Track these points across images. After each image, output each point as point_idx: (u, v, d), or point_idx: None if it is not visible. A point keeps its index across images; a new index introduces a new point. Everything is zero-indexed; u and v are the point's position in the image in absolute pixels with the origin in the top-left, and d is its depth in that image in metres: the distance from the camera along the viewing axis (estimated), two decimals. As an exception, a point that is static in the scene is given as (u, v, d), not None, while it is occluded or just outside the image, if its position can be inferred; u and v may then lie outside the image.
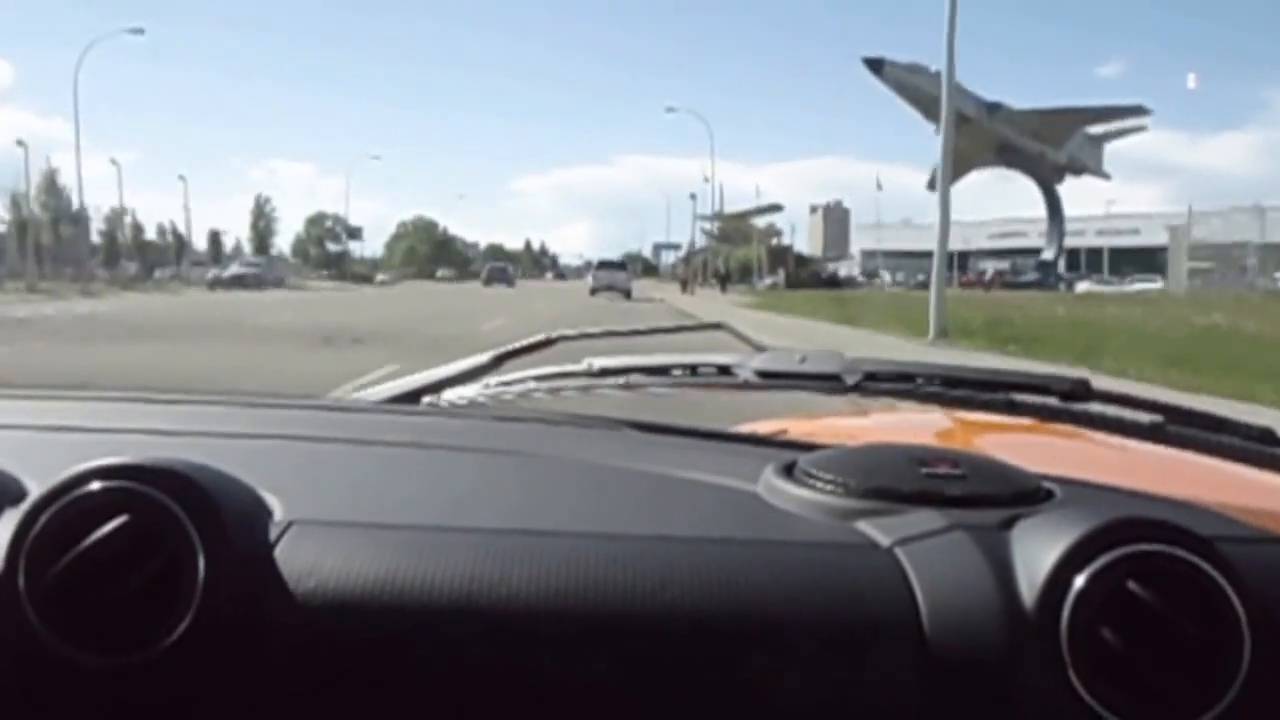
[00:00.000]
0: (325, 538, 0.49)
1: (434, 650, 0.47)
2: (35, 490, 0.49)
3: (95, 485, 0.47)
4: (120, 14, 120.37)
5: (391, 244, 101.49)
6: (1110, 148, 60.85)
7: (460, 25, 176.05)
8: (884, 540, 0.50)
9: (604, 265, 38.12)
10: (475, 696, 0.47)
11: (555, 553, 0.49)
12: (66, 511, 0.46)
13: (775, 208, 70.05)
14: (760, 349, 0.90)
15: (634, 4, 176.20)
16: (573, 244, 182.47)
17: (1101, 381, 0.77)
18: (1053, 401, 0.75)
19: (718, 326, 1.51)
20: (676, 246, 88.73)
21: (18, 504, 0.49)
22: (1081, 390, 0.75)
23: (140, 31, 46.74)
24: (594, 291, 34.15)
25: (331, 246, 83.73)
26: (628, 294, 33.08)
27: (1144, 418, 0.74)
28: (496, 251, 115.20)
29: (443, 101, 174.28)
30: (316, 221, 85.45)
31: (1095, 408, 0.75)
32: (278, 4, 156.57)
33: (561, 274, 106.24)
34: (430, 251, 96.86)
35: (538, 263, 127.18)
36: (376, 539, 0.49)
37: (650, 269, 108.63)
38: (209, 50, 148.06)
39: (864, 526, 0.52)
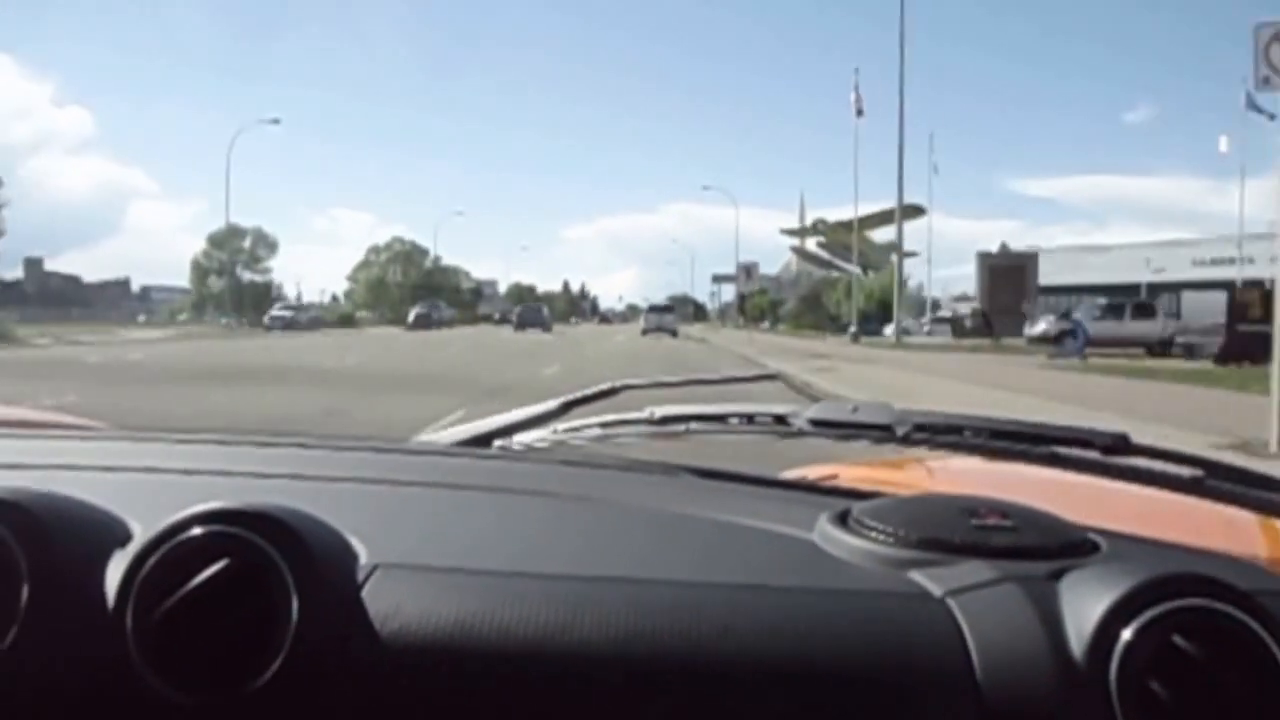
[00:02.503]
0: (407, 581, 0.52)
1: (509, 692, 0.48)
2: (139, 531, 0.53)
3: (199, 530, 0.49)
4: (198, 70, 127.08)
5: (356, 274, 74.41)
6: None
7: (513, 88, 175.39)
8: (937, 590, 0.52)
9: (654, 309, 44.70)
10: None
11: (622, 599, 0.51)
12: (173, 554, 0.49)
13: (917, 210, 45.91)
14: (815, 399, 0.93)
15: (670, 60, 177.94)
16: (613, 290, 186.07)
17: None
18: (1095, 455, 0.77)
19: (773, 377, 1.63)
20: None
21: (125, 546, 0.52)
22: (1122, 444, 0.77)
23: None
24: (645, 331, 39.52)
25: (252, 277, 58.08)
26: (674, 333, 38.35)
27: (1184, 472, 0.76)
28: (521, 292, 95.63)
29: (496, 159, 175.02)
30: (223, 240, 56.23)
31: (1136, 461, 0.77)
32: (340, 69, 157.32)
33: (606, 318, 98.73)
34: (411, 286, 70.30)
35: (575, 306, 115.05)
36: (454, 583, 0.52)
37: (700, 312, 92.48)
38: (279, 106, 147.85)
39: (917, 576, 0.54)
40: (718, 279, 70.35)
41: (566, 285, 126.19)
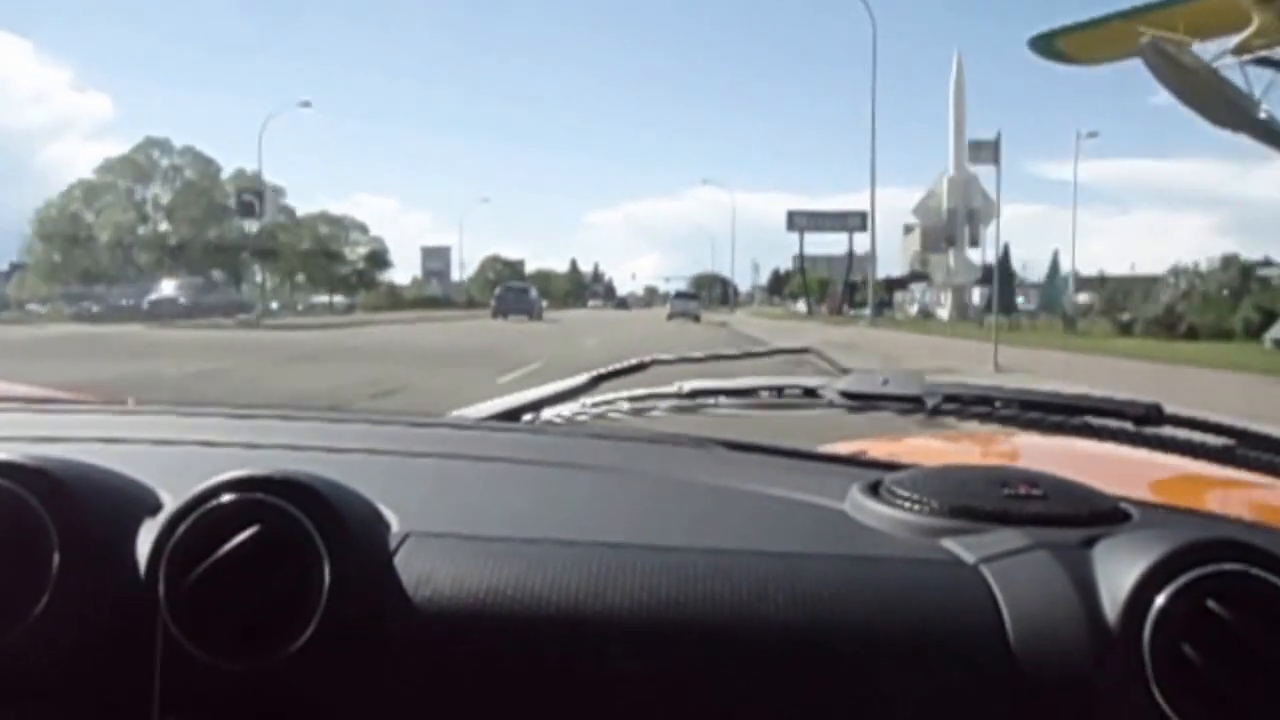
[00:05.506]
0: (439, 549, 0.52)
1: (540, 657, 0.49)
2: (170, 501, 0.53)
3: (228, 497, 0.49)
4: (219, 53, 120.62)
5: (43, 219, 39.43)
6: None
7: (538, 70, 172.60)
8: (969, 558, 0.52)
9: (679, 295, 45.50)
10: (578, 702, 0.48)
11: (654, 566, 0.51)
12: (203, 521, 0.49)
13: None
14: (845, 372, 0.91)
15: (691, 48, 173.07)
16: (627, 273, 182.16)
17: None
18: (1127, 425, 0.76)
19: (805, 351, 1.68)
20: (845, 217, 31.41)
21: (155, 515, 0.52)
22: (1155, 414, 0.76)
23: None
24: (670, 317, 39.03)
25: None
26: (697, 318, 38.10)
27: (1216, 441, 0.75)
28: (502, 268, 77.49)
29: (522, 141, 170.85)
30: None
31: (1168, 431, 0.76)
32: (362, 52, 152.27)
33: (623, 302, 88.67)
34: (212, 238, 37.92)
35: (585, 287, 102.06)
36: (486, 551, 0.52)
37: (733, 293, 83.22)
38: (302, 88, 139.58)
39: (949, 544, 0.54)
40: (796, 220, 35.99)
41: (574, 264, 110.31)
